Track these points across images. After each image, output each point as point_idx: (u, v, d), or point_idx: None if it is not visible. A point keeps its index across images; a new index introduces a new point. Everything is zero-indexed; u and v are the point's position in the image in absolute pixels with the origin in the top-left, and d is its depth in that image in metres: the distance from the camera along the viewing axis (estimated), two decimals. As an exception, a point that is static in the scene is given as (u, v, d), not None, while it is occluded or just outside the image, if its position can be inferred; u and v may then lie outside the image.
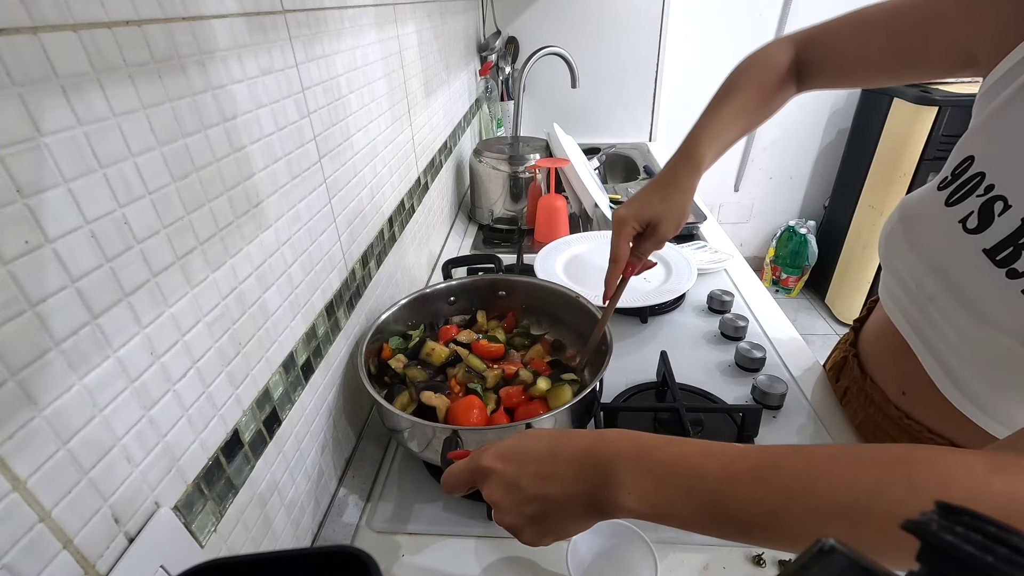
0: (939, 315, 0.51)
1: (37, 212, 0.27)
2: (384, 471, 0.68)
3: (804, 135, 2.60)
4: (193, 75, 0.38)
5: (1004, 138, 0.47)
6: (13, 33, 0.25)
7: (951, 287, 0.49)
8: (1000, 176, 0.46)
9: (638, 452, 0.36)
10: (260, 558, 0.33)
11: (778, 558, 0.55)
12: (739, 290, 1.05)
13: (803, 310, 2.77)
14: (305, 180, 0.55)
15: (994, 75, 0.49)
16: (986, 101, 0.50)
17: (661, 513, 0.35)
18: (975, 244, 0.47)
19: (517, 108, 1.51)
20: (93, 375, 0.30)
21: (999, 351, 0.44)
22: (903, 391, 0.60)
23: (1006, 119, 0.47)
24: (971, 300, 0.47)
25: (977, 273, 0.46)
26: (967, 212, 0.48)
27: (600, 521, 0.38)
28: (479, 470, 0.41)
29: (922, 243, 0.53)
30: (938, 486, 0.29)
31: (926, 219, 0.53)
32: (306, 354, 0.56)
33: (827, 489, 0.31)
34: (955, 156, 0.52)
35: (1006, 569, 0.15)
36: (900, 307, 0.58)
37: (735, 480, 0.33)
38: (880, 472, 0.30)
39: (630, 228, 0.66)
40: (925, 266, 0.53)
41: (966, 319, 0.48)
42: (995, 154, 0.48)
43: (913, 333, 0.56)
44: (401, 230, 0.91)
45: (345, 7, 0.65)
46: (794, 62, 0.69)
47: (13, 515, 0.26)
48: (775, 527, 0.32)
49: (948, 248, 0.50)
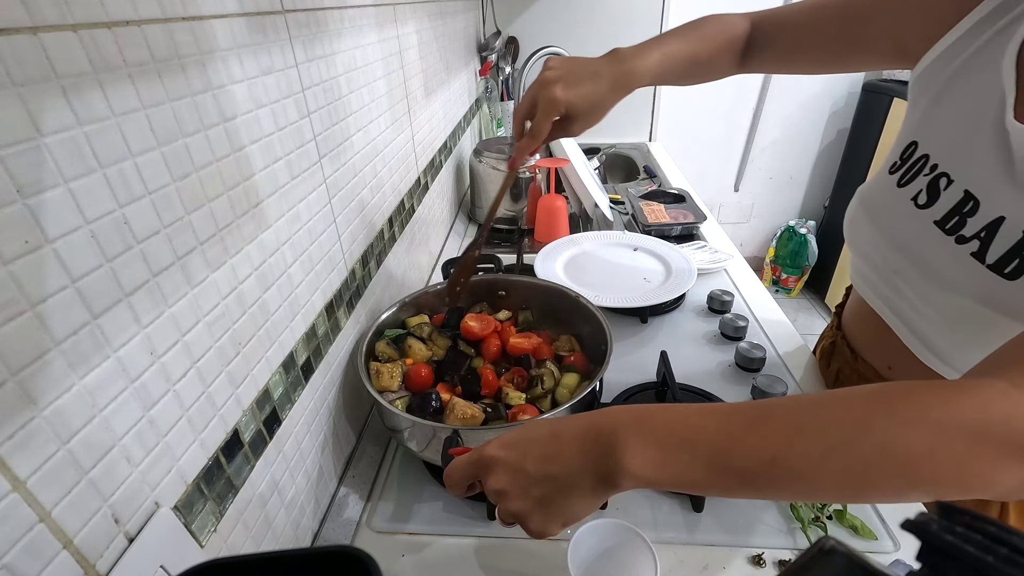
0: (905, 285, 0.56)
1: (37, 212, 0.27)
2: (384, 471, 0.68)
3: (804, 135, 2.60)
4: (193, 75, 0.38)
5: (941, 123, 0.54)
6: (13, 33, 0.25)
7: (912, 259, 0.55)
8: (941, 156, 0.53)
9: (638, 419, 0.37)
10: (260, 558, 0.33)
11: (778, 558, 0.55)
12: (739, 290, 1.05)
13: (803, 310, 2.77)
14: (305, 180, 0.55)
15: (922, 64, 0.56)
16: (919, 91, 0.57)
17: (667, 475, 0.35)
18: (927, 217, 0.52)
19: (517, 108, 1.51)
20: (93, 375, 0.30)
21: (958, 311, 0.49)
22: (889, 366, 0.64)
23: (941, 106, 0.54)
24: (930, 268, 0.52)
25: (932, 243, 0.52)
26: (917, 190, 0.54)
27: (608, 495, 0.38)
28: (482, 461, 0.40)
29: (882, 222, 0.59)
30: (915, 412, 0.31)
31: (882, 201, 0.59)
32: (306, 354, 0.57)
33: (818, 428, 0.33)
34: (900, 143, 0.59)
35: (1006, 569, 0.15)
36: (871, 285, 0.63)
37: (733, 433, 0.34)
38: (864, 406, 0.33)
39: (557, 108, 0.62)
40: (887, 243, 0.58)
41: (929, 286, 0.52)
42: (935, 137, 0.55)
43: (886, 308, 0.61)
44: (401, 230, 0.91)
45: (345, 7, 0.65)
46: (748, 35, 0.71)
47: (13, 515, 0.26)
48: (776, 474, 0.33)
49: (904, 224, 0.55)
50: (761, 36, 0.71)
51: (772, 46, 0.71)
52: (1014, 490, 0.32)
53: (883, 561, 0.30)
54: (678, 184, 1.61)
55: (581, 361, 0.72)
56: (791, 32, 0.69)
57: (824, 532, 0.58)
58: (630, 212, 1.36)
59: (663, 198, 1.39)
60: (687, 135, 2.56)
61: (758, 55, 0.72)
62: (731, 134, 2.61)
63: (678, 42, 0.68)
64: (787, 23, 0.69)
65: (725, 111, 2.54)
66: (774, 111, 2.53)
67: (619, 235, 1.15)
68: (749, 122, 2.57)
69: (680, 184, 1.61)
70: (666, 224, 1.24)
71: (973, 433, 0.30)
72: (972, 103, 0.51)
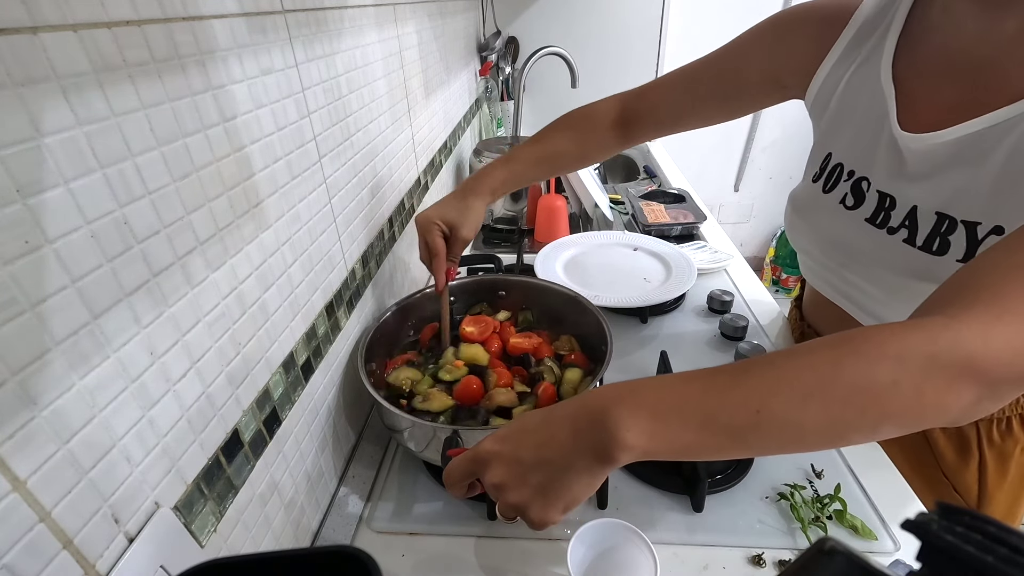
0: (852, 275, 0.62)
1: (37, 212, 0.27)
2: (384, 471, 0.68)
3: (804, 135, 2.59)
4: (193, 75, 0.38)
5: (844, 136, 0.62)
6: (13, 33, 0.25)
7: (852, 252, 0.61)
8: (854, 163, 0.61)
9: (628, 392, 0.38)
10: (260, 558, 0.33)
11: (778, 558, 0.55)
12: (739, 290, 1.05)
13: (803, 310, 2.77)
14: (305, 180, 0.55)
15: (810, 93, 0.65)
16: (818, 111, 0.66)
17: (661, 442, 0.36)
18: (858, 216, 0.60)
19: (517, 108, 1.51)
20: (93, 375, 0.30)
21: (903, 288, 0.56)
22: None
23: (840, 122, 0.62)
24: (871, 258, 0.59)
25: (868, 237, 0.58)
26: (843, 194, 0.61)
27: (606, 471, 0.38)
28: (478, 457, 0.41)
29: (818, 224, 0.65)
30: (877, 349, 0.34)
31: (813, 207, 0.66)
32: (306, 354, 0.57)
33: (795, 375, 0.35)
34: (816, 155, 0.67)
35: (1006, 569, 0.15)
36: (821, 278, 0.70)
37: (718, 393, 0.36)
38: (832, 350, 0.35)
39: (436, 227, 0.70)
40: (827, 242, 0.64)
41: (873, 272, 0.59)
42: (844, 148, 0.62)
43: (838, 295, 0.67)
44: (401, 230, 0.91)
45: (345, 7, 0.65)
46: (620, 116, 0.77)
47: (13, 515, 0.26)
48: (763, 425, 0.35)
49: (839, 224, 0.62)
50: (640, 112, 0.76)
51: (652, 117, 0.76)
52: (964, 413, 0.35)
53: (883, 561, 0.30)
54: (678, 184, 1.61)
55: (582, 360, 0.73)
56: (669, 102, 0.75)
57: (824, 532, 0.58)
58: (630, 212, 1.36)
59: (663, 198, 1.39)
60: (687, 135, 2.55)
61: (640, 128, 0.77)
62: (731, 134, 2.61)
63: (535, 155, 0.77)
64: (662, 94, 0.75)
65: (725, 111, 2.54)
66: (774, 111, 2.51)
67: (619, 235, 1.15)
68: (749, 122, 2.57)
69: (680, 184, 1.61)
70: (666, 224, 1.24)
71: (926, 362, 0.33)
72: (866, 117, 0.58)
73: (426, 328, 0.80)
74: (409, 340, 0.79)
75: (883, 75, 0.56)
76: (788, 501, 0.60)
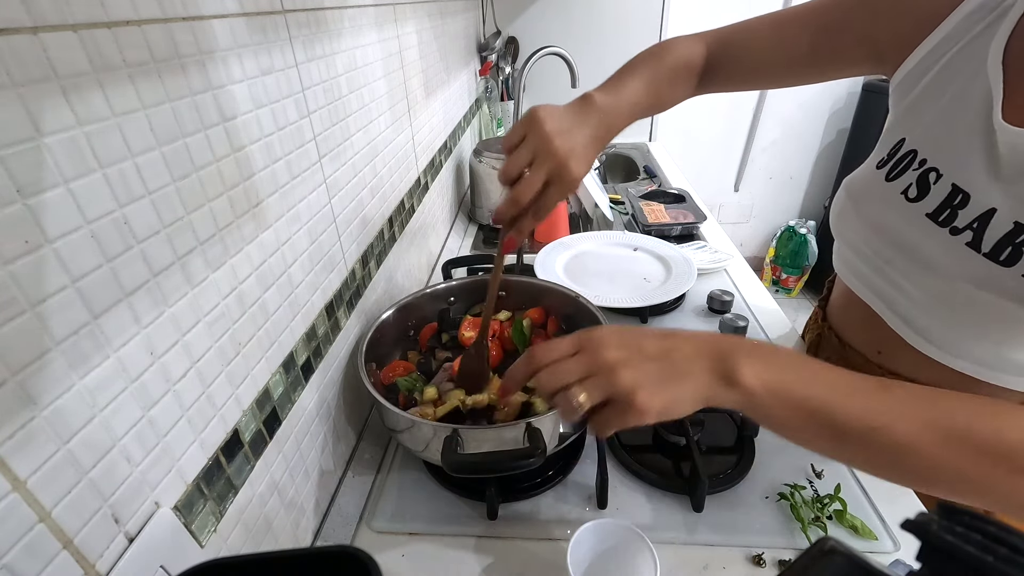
0: (896, 273, 0.57)
1: (37, 212, 0.27)
2: (384, 471, 0.68)
3: (804, 135, 2.60)
4: (193, 75, 0.38)
5: (928, 122, 0.55)
6: (13, 33, 0.25)
7: (903, 249, 0.56)
8: (929, 152, 0.55)
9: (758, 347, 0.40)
10: (260, 558, 0.33)
11: (778, 558, 0.55)
12: (739, 290, 1.05)
13: (803, 310, 2.77)
14: (305, 180, 0.55)
15: (903, 69, 0.58)
16: (903, 92, 0.59)
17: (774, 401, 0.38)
18: (918, 210, 0.54)
19: (517, 108, 1.51)
20: (93, 375, 0.30)
21: (952, 295, 0.51)
22: (878, 351, 0.65)
23: (927, 106, 0.56)
24: (923, 257, 0.54)
25: (924, 234, 0.53)
26: (907, 184, 0.56)
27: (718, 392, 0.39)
28: (592, 338, 0.40)
29: (871, 215, 0.60)
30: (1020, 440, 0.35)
31: (871, 195, 0.60)
32: (306, 354, 0.57)
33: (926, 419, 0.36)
34: (887, 139, 0.60)
35: (1006, 569, 0.15)
36: (858, 275, 0.64)
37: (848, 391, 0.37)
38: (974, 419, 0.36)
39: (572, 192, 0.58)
40: (877, 234, 0.59)
41: (921, 273, 0.54)
42: (922, 135, 0.56)
43: (874, 295, 0.62)
44: (401, 230, 0.91)
45: (345, 7, 0.65)
46: (706, 59, 0.69)
47: (13, 515, 0.26)
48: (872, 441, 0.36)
49: (895, 216, 0.57)
50: (721, 58, 0.69)
51: (734, 67, 0.69)
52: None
53: (883, 561, 0.30)
54: (678, 184, 1.61)
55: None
56: (755, 51, 0.68)
57: (824, 532, 0.58)
58: (630, 212, 1.36)
59: (663, 198, 1.39)
60: (687, 135, 2.56)
61: (719, 77, 0.70)
62: (731, 134, 2.61)
63: (644, 85, 0.65)
64: (750, 42, 0.68)
65: (725, 111, 2.54)
66: (774, 111, 2.53)
67: (619, 235, 1.15)
68: (749, 122, 2.57)
69: (680, 184, 1.61)
70: (666, 224, 1.24)
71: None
72: (958, 103, 0.52)
73: (425, 328, 0.80)
74: (409, 340, 0.79)
75: (991, 58, 0.49)
76: (788, 501, 0.60)
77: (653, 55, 0.69)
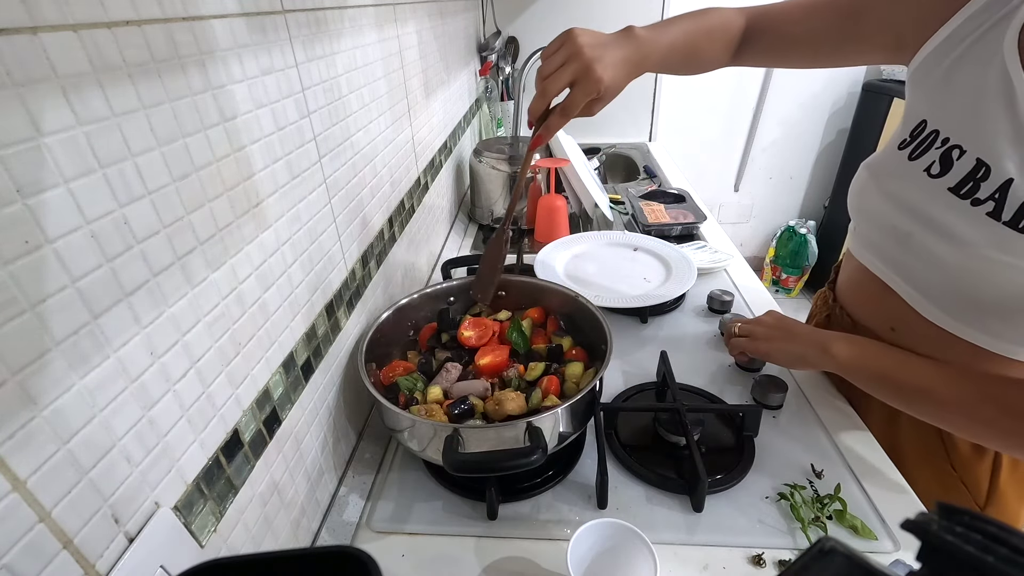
0: (917, 246, 0.60)
1: (37, 212, 0.27)
2: (384, 471, 0.68)
3: (804, 135, 2.60)
4: (193, 75, 0.38)
5: (950, 101, 0.58)
6: (13, 33, 0.25)
7: (925, 221, 0.59)
8: (953, 130, 0.57)
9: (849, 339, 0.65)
10: (260, 558, 0.33)
11: (778, 558, 0.55)
12: (739, 290, 1.05)
13: (803, 310, 2.76)
14: (305, 180, 0.55)
15: (922, 54, 0.60)
16: (922, 74, 0.61)
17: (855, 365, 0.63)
18: (941, 185, 0.57)
19: (517, 108, 1.51)
20: (93, 375, 0.30)
21: (978, 263, 0.54)
22: (891, 327, 0.68)
23: (947, 89, 0.58)
24: (945, 229, 0.56)
25: (946, 207, 0.56)
26: (929, 162, 0.58)
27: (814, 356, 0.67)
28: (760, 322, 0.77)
29: (893, 191, 0.63)
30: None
31: (893, 172, 0.63)
32: (306, 354, 0.57)
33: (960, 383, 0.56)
34: (908, 122, 0.63)
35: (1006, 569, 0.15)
36: (876, 251, 0.67)
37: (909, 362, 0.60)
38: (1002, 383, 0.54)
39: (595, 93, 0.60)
40: (898, 209, 0.62)
41: (943, 245, 0.57)
42: (944, 116, 0.58)
43: (891, 271, 0.65)
44: (401, 230, 0.91)
45: (345, 7, 0.65)
46: (744, 30, 0.73)
47: (13, 515, 0.26)
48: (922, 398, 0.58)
49: (917, 192, 0.59)
50: (756, 31, 0.73)
51: (766, 40, 0.73)
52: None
53: (883, 561, 0.30)
54: (678, 184, 1.61)
55: (581, 356, 0.73)
56: (786, 26, 0.71)
57: (824, 532, 0.58)
58: (630, 212, 1.36)
59: (663, 198, 1.39)
60: (687, 135, 2.56)
61: (752, 49, 0.74)
62: (731, 134, 2.61)
63: (683, 33, 0.69)
64: (782, 18, 0.71)
65: (725, 111, 2.54)
66: (774, 111, 2.53)
67: (619, 235, 1.15)
68: (749, 122, 2.57)
69: (680, 184, 1.61)
70: (666, 224, 1.24)
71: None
72: (980, 84, 0.54)
73: (425, 328, 0.80)
74: (408, 340, 0.79)
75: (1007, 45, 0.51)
76: (788, 501, 0.60)
77: (697, 13, 0.73)
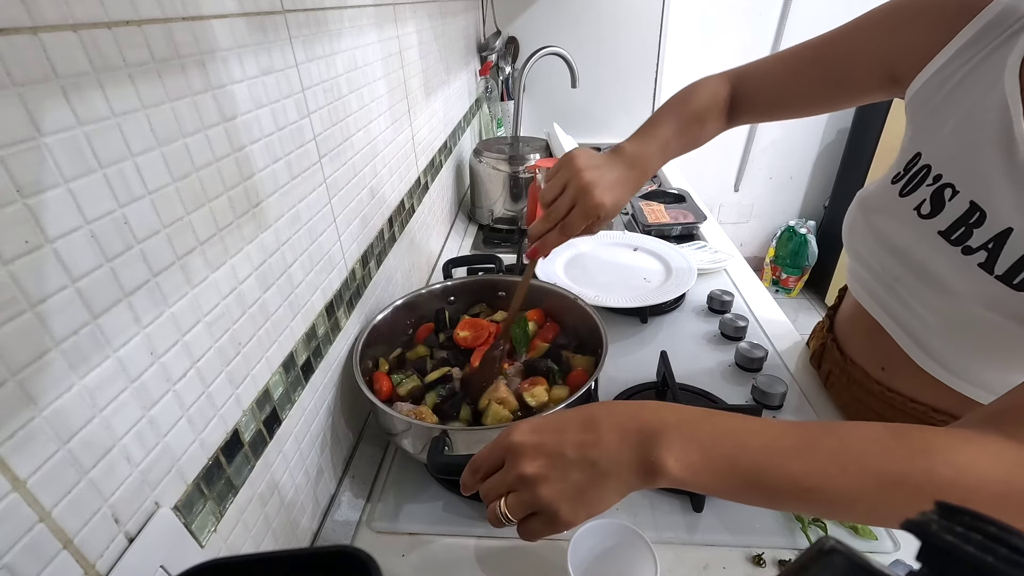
0: (905, 292, 0.57)
1: (37, 212, 0.27)
2: (384, 471, 0.68)
3: (804, 135, 2.60)
4: (193, 75, 0.38)
5: (944, 136, 0.54)
6: (13, 33, 0.25)
7: (913, 267, 0.55)
8: (945, 167, 0.53)
9: (683, 422, 0.38)
10: (260, 558, 0.33)
11: (778, 558, 0.55)
12: (739, 290, 1.05)
13: (803, 310, 2.77)
14: (305, 180, 0.55)
15: (916, 83, 0.56)
16: (918, 103, 0.57)
17: (703, 481, 0.37)
18: (930, 227, 0.53)
19: (517, 108, 1.51)
20: (93, 375, 0.30)
21: (961, 316, 0.50)
22: (882, 367, 0.65)
23: (942, 121, 0.54)
24: (933, 277, 0.53)
25: (935, 252, 0.52)
26: (920, 200, 0.54)
27: (642, 487, 0.38)
28: (512, 447, 0.39)
29: (882, 230, 0.59)
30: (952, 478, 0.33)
31: (883, 209, 0.59)
32: (306, 354, 0.56)
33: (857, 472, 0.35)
34: (904, 155, 0.59)
35: (1006, 569, 0.15)
36: (868, 290, 0.64)
37: (777, 458, 0.36)
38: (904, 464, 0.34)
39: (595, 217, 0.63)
40: (887, 250, 0.59)
41: (931, 294, 0.53)
42: (938, 150, 0.54)
43: (883, 312, 0.61)
44: (401, 230, 0.91)
45: (345, 7, 0.65)
46: (730, 97, 0.72)
47: (13, 515, 0.26)
48: (808, 500, 0.36)
49: (906, 233, 0.56)
50: (743, 94, 0.72)
51: (755, 103, 0.71)
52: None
53: (883, 561, 0.30)
54: (678, 184, 1.61)
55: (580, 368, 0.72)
56: (772, 88, 0.70)
57: (824, 532, 0.58)
58: (630, 212, 1.36)
59: (663, 198, 1.39)
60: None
61: (743, 113, 0.72)
62: (731, 134, 2.60)
63: (674, 131, 0.69)
64: (767, 79, 0.70)
65: (725, 111, 2.54)
66: (774, 111, 2.53)
67: (619, 235, 1.15)
68: (749, 122, 2.57)
69: (680, 184, 1.61)
70: (666, 224, 1.24)
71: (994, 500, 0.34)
72: (975, 118, 0.50)
73: (421, 328, 0.80)
74: (405, 340, 0.79)
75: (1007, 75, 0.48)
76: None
77: (680, 100, 0.72)
